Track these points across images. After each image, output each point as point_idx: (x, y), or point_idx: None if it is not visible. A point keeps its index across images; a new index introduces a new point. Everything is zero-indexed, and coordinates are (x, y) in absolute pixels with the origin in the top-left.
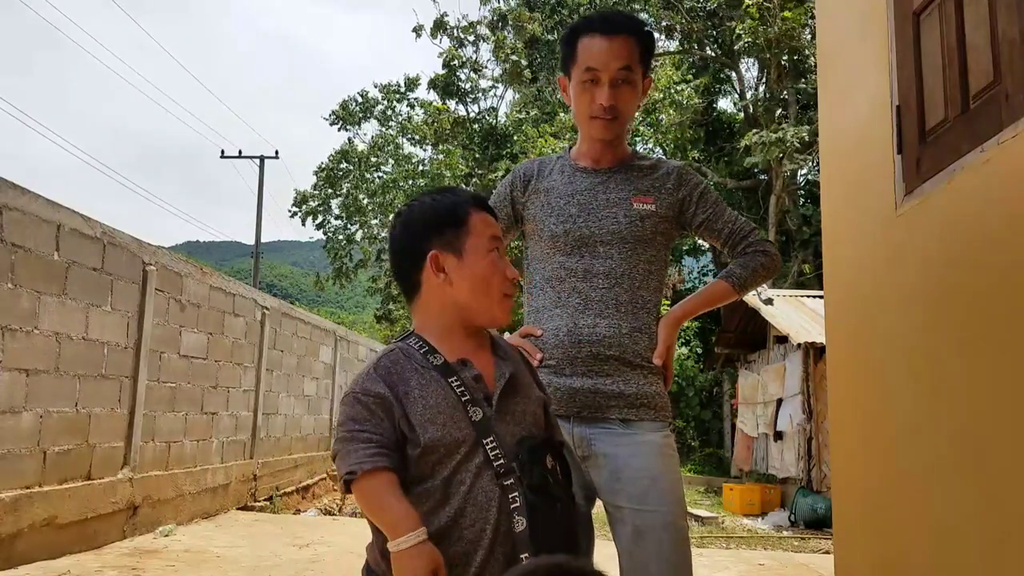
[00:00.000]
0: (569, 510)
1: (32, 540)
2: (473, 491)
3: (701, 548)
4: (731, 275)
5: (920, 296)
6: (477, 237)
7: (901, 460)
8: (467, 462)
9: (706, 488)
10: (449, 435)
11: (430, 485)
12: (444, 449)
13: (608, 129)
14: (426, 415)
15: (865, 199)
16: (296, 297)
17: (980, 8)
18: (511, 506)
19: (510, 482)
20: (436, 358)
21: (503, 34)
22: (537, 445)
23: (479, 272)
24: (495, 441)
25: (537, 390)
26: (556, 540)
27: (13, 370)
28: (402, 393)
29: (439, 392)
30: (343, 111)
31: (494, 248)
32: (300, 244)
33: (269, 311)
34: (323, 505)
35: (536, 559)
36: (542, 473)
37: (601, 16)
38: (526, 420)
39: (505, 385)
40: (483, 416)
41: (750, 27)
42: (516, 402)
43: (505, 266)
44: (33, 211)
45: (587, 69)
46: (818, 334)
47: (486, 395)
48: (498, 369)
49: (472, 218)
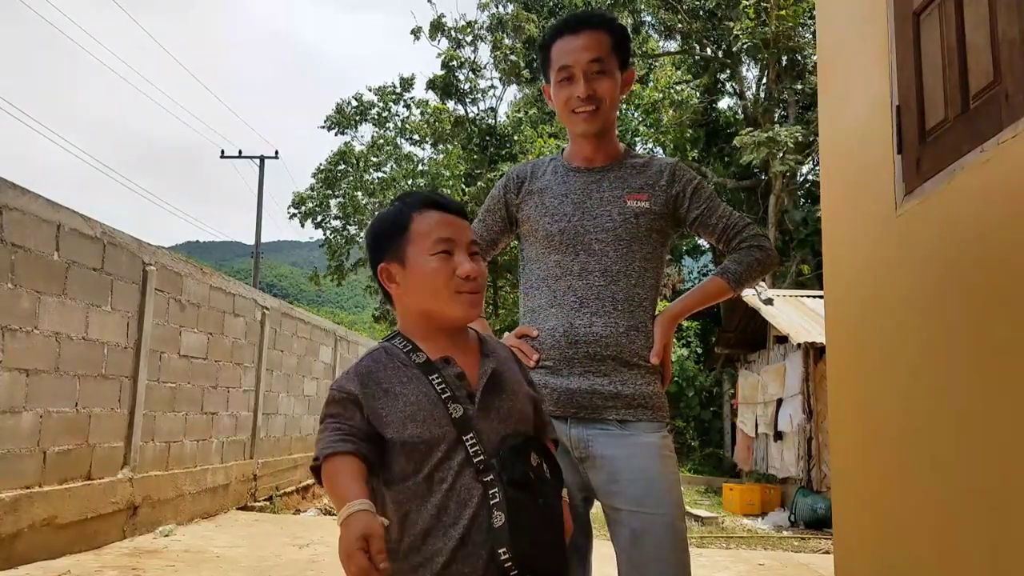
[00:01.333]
0: (553, 507)
1: (32, 540)
2: (455, 488)
3: (701, 548)
4: (726, 271)
5: (920, 296)
6: (419, 241)
7: (901, 460)
8: (448, 459)
9: (706, 488)
10: (428, 432)
11: (412, 483)
12: (424, 446)
13: (590, 121)
14: (406, 412)
15: (865, 199)
16: (296, 297)
17: (980, 8)
18: (491, 502)
19: (490, 478)
20: (418, 356)
21: (500, 35)
22: (520, 442)
23: (422, 276)
24: (475, 438)
25: (527, 387)
26: (537, 535)
27: (13, 370)
28: (380, 392)
29: (419, 390)
30: (338, 115)
31: (441, 249)
32: (300, 244)
33: (269, 311)
34: (323, 505)
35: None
36: (524, 470)
37: (567, 18)
38: (511, 418)
39: (487, 382)
40: (463, 413)
41: (747, 27)
42: (501, 399)
43: (457, 263)
44: (33, 211)
45: (561, 68)
46: (818, 334)
47: (468, 392)
48: (482, 366)
49: (413, 223)
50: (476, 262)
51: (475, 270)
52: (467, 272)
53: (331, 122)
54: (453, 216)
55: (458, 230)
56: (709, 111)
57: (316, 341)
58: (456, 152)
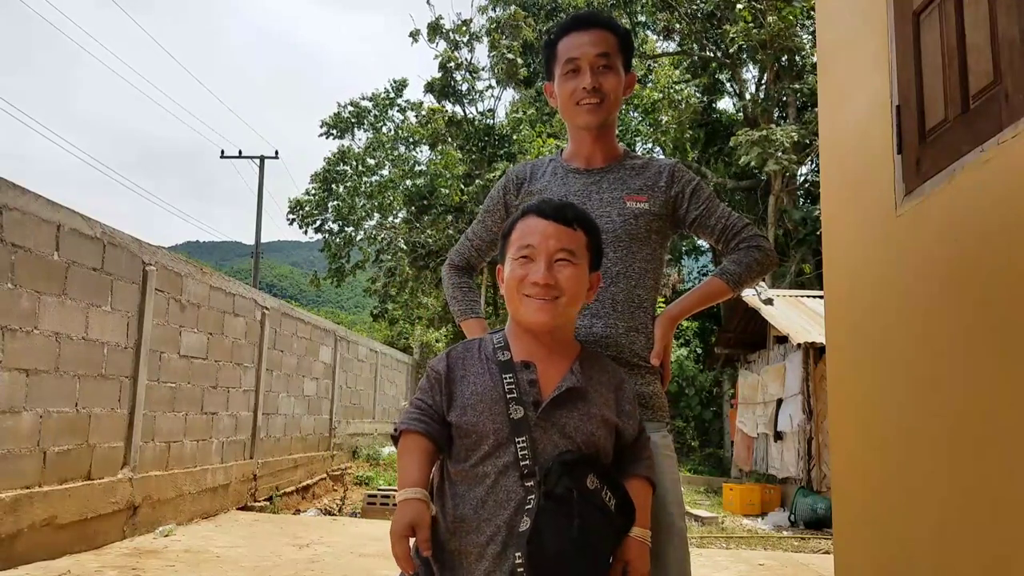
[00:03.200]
0: (596, 531)
1: (32, 540)
2: (497, 486)
3: (701, 548)
4: (725, 272)
5: (920, 296)
6: (512, 246)
7: (901, 459)
8: (494, 456)
9: (706, 488)
10: (482, 424)
11: (465, 467)
12: (475, 435)
13: (594, 113)
14: (470, 400)
15: (865, 199)
16: (296, 297)
17: (980, 8)
18: (526, 507)
19: (531, 484)
20: (503, 355)
21: (498, 35)
22: (575, 460)
23: (507, 279)
24: (527, 443)
25: (610, 415)
26: (560, 552)
27: (13, 370)
28: (459, 376)
29: (490, 384)
30: (336, 119)
31: (521, 255)
32: (300, 244)
33: (269, 311)
34: (323, 505)
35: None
36: (568, 487)
37: (574, 16)
38: (576, 437)
39: (559, 396)
40: (522, 416)
41: (743, 29)
42: (570, 416)
43: (528, 271)
44: (33, 211)
45: (567, 60)
46: (818, 334)
47: (536, 400)
48: (564, 380)
49: (514, 230)
50: (555, 270)
51: (546, 277)
52: (536, 279)
53: (328, 127)
54: (549, 222)
55: (546, 237)
56: (709, 111)
57: (316, 341)
58: (454, 155)
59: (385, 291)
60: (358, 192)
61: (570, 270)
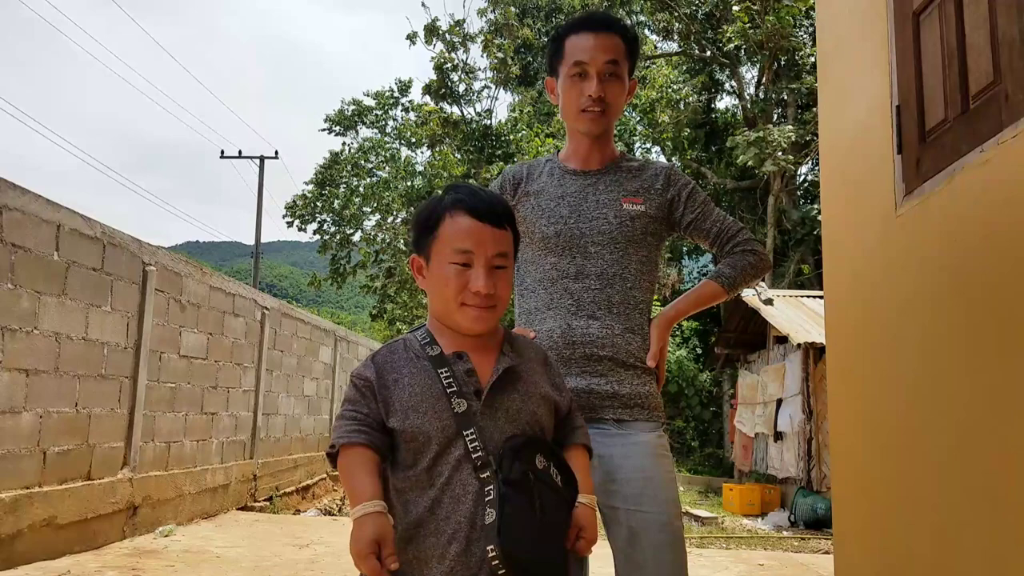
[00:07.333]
0: (554, 509)
1: (32, 540)
2: (451, 483)
3: (701, 548)
4: (720, 275)
5: (920, 296)
6: (442, 245)
7: (901, 460)
8: (446, 453)
9: (706, 488)
10: (428, 424)
11: (413, 473)
12: (423, 437)
13: (597, 122)
14: (410, 403)
15: (865, 199)
16: (295, 297)
17: (980, 8)
18: (486, 499)
19: (487, 475)
20: (433, 349)
21: (490, 34)
22: (523, 442)
23: (438, 281)
24: (476, 434)
25: (546, 390)
26: (530, 536)
27: (13, 370)
28: (391, 381)
29: (427, 382)
30: (339, 116)
31: (459, 260)
32: (300, 244)
33: (269, 311)
34: (323, 505)
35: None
36: (522, 469)
37: (588, 15)
38: (521, 418)
39: (497, 380)
40: (467, 408)
41: (739, 29)
42: (511, 399)
43: (472, 277)
44: (33, 211)
45: (575, 63)
46: (818, 334)
47: (476, 389)
48: (497, 364)
49: (443, 225)
50: (495, 277)
51: (488, 287)
52: (478, 289)
53: (331, 123)
54: (484, 226)
55: (483, 242)
56: (708, 112)
57: (316, 341)
58: (451, 156)
59: (384, 291)
60: (355, 193)
61: (506, 275)
